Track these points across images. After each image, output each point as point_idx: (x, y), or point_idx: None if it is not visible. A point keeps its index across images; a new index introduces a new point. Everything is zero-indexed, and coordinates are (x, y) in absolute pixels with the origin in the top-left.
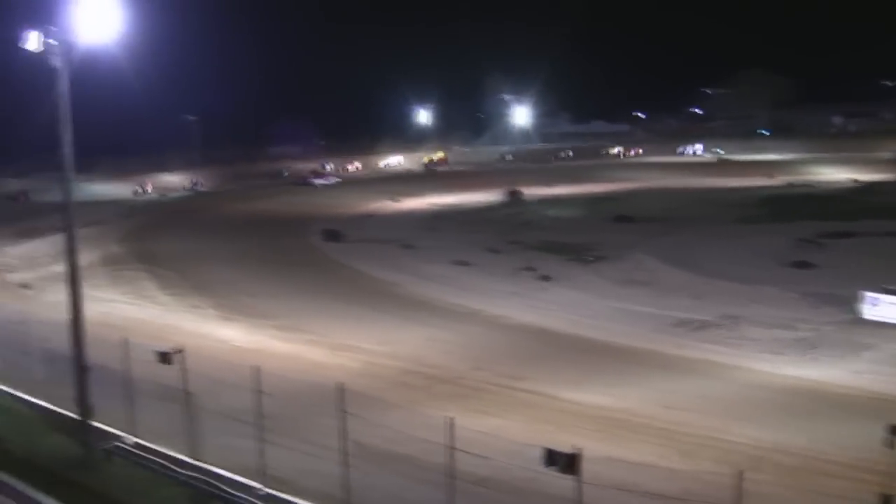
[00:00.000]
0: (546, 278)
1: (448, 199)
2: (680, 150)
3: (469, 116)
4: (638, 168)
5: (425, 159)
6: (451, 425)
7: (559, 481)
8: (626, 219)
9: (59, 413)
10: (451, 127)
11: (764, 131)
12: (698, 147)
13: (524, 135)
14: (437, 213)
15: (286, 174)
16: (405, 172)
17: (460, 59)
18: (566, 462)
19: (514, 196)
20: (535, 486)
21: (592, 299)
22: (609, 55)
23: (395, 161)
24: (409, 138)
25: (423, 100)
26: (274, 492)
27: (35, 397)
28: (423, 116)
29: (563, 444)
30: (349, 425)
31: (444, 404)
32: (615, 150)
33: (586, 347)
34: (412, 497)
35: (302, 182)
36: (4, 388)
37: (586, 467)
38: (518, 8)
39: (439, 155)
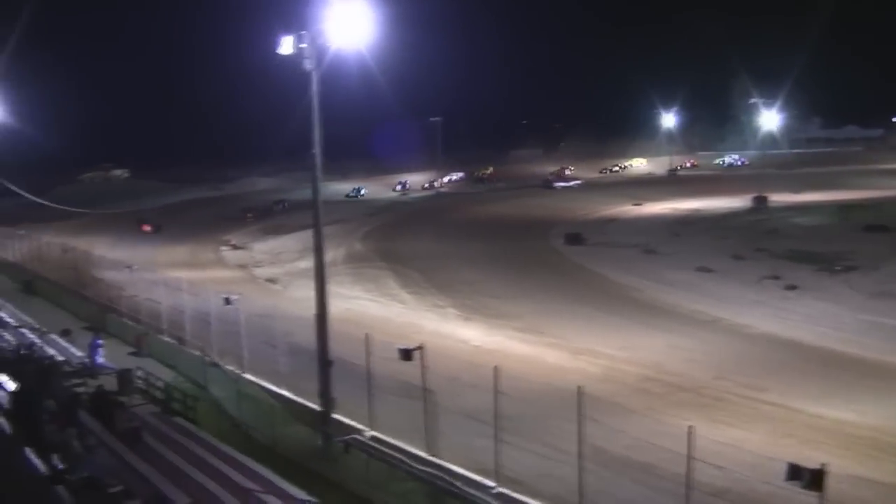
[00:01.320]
0: (792, 287)
1: (691, 205)
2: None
3: (714, 119)
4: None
5: (478, 172)
6: (690, 434)
7: (801, 497)
8: (879, 228)
9: (302, 404)
10: (696, 130)
11: None
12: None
13: (771, 139)
14: (680, 218)
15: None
16: (647, 176)
17: (708, 59)
18: (810, 478)
19: (760, 202)
20: (776, 502)
21: (841, 311)
22: (867, 55)
23: (637, 164)
24: (652, 142)
25: (667, 102)
26: (508, 492)
27: (280, 388)
28: (668, 119)
29: (807, 459)
30: (587, 430)
31: (683, 413)
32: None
33: (833, 360)
34: None
35: (543, 185)
36: (252, 378)
37: (831, 485)
38: (772, 6)
39: (489, 170)
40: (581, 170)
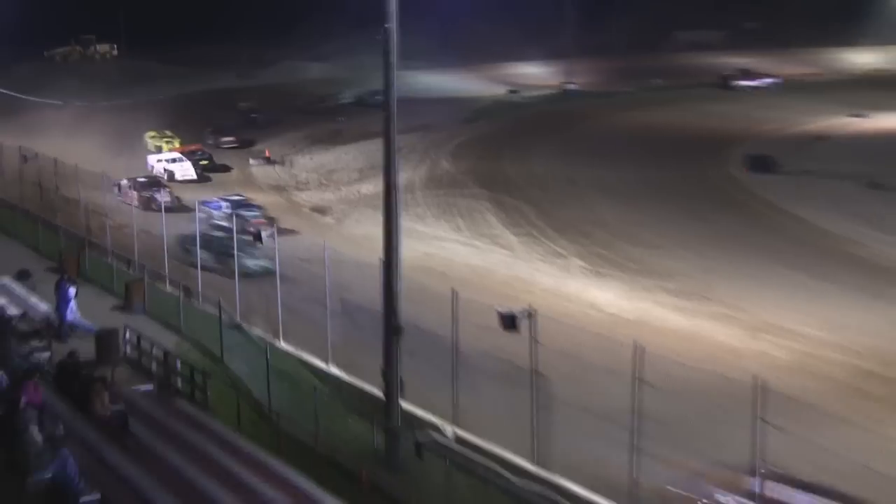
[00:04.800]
0: None
1: None
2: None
3: None
4: None
5: None
6: None
7: None
8: None
9: (359, 388)
10: None
11: None
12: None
13: None
14: None
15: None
16: (876, 74)
17: None
18: None
19: None
20: None
21: None
22: None
23: (865, 59)
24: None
25: None
26: None
27: (328, 364)
28: None
29: None
30: (770, 443)
31: None
32: None
33: None
34: None
35: (720, 83)
36: (290, 348)
37: None
38: None
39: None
40: (774, 63)
